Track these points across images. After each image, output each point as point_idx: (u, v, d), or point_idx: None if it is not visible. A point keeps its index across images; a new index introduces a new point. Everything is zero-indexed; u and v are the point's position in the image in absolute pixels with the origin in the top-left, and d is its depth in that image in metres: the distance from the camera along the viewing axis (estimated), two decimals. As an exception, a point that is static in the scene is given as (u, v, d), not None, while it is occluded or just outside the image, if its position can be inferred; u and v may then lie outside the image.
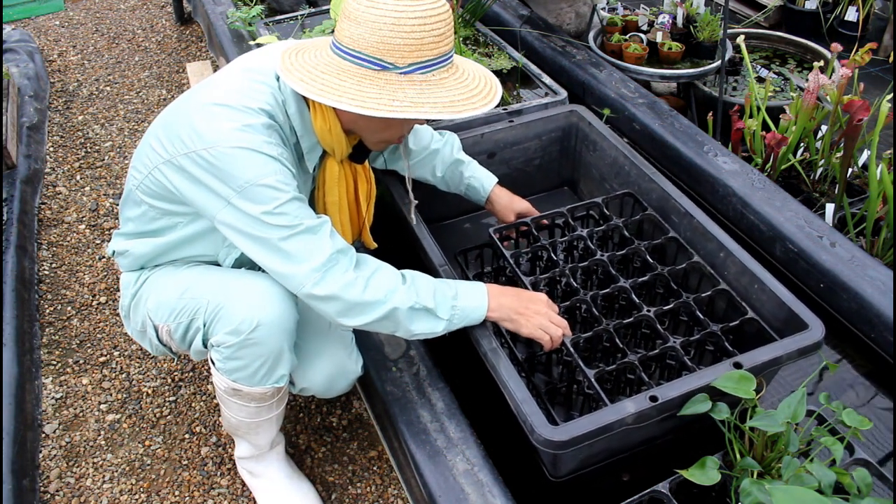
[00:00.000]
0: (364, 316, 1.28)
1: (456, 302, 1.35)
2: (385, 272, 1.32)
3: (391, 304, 1.28)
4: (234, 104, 1.25)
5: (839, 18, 3.44)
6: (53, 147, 3.01)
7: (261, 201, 1.21)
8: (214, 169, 1.21)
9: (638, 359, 1.37)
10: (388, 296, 1.28)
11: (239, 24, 2.66)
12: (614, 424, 1.22)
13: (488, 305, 1.37)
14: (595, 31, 3.03)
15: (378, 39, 1.20)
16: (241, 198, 1.21)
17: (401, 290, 1.29)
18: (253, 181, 1.20)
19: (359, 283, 1.26)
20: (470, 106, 1.26)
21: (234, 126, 1.22)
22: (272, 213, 1.21)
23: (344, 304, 1.26)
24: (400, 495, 1.69)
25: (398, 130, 1.39)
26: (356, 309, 1.27)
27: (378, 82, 1.22)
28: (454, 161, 1.76)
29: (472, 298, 1.37)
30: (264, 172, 1.21)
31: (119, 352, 2.09)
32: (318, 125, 1.34)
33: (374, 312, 1.28)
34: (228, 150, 1.20)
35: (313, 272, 1.23)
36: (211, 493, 1.72)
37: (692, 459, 1.19)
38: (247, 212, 1.21)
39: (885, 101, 1.98)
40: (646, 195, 1.77)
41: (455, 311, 1.34)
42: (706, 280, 1.56)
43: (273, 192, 1.21)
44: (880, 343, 1.64)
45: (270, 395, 1.44)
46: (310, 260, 1.23)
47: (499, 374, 1.32)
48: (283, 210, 1.22)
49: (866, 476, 1.13)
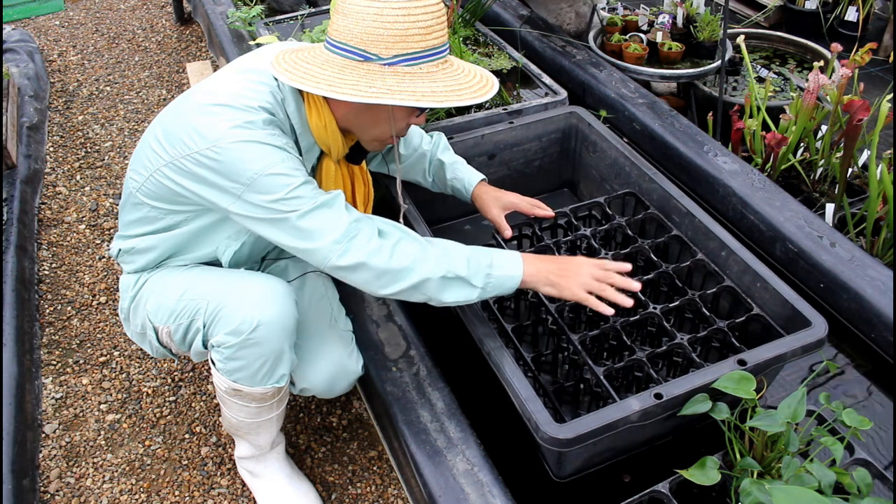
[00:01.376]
0: (395, 284, 1.26)
1: (491, 270, 1.31)
2: (410, 240, 1.30)
3: (421, 273, 1.26)
4: (234, 103, 1.25)
5: (839, 18, 3.44)
6: (53, 147, 3.01)
7: (272, 190, 1.21)
8: (220, 166, 1.21)
9: (646, 356, 1.37)
10: (414, 263, 1.26)
11: (239, 24, 2.65)
12: (619, 422, 1.22)
13: (524, 272, 1.34)
14: (595, 31, 3.03)
15: (362, 30, 1.21)
16: (252, 191, 1.21)
17: (431, 258, 1.27)
18: (261, 172, 1.20)
19: (385, 250, 1.25)
20: (454, 97, 1.23)
21: (235, 123, 1.22)
22: (285, 198, 1.21)
23: (372, 272, 1.25)
24: (400, 495, 1.69)
25: (388, 127, 1.36)
26: (385, 277, 1.26)
27: (359, 71, 1.22)
28: (438, 163, 1.74)
29: (508, 267, 1.33)
30: (271, 162, 1.21)
31: (119, 352, 2.09)
32: (314, 122, 1.34)
33: (404, 281, 1.26)
34: (231, 145, 1.20)
35: (335, 244, 1.23)
36: (211, 493, 1.72)
37: (692, 459, 1.19)
38: (259, 203, 1.22)
39: (885, 101, 1.98)
40: (647, 196, 1.77)
41: (490, 279, 1.31)
42: (710, 277, 1.56)
43: (284, 179, 1.22)
44: (880, 343, 1.64)
45: (271, 395, 1.44)
46: (330, 233, 1.23)
47: (503, 373, 1.32)
48: (296, 194, 1.22)
49: (866, 476, 1.13)
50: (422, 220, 1.67)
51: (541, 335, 1.63)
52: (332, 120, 1.35)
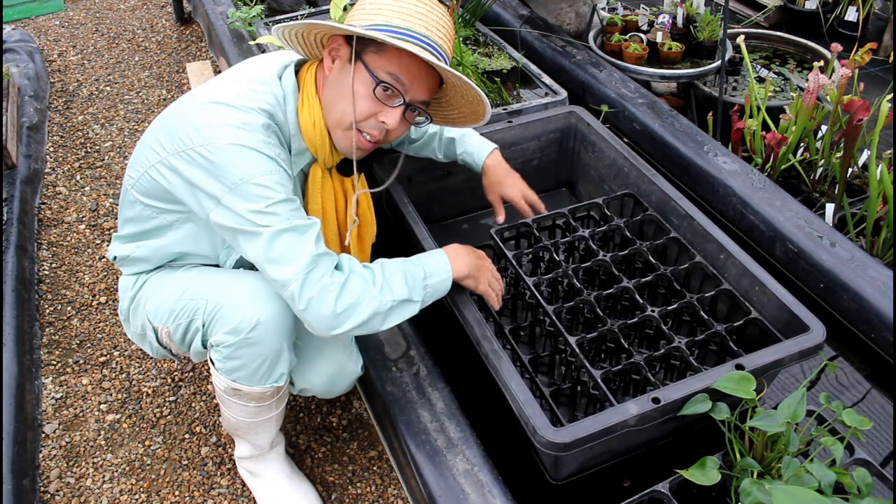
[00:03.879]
0: (345, 324, 1.25)
1: (427, 281, 1.35)
2: (356, 278, 1.27)
3: (368, 311, 1.26)
4: (234, 103, 1.25)
5: (839, 18, 3.44)
6: (53, 147, 3.01)
7: (251, 199, 1.20)
8: (210, 165, 1.21)
9: (644, 359, 1.37)
10: (361, 298, 1.25)
11: (239, 24, 2.66)
12: (617, 426, 1.22)
13: (453, 270, 1.40)
14: (595, 31, 3.03)
15: (351, 12, 1.29)
16: (233, 195, 1.20)
17: (374, 293, 1.27)
18: (247, 179, 1.20)
19: (333, 289, 1.23)
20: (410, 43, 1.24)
21: (232, 123, 1.22)
22: (263, 211, 1.20)
23: (318, 311, 1.23)
24: (400, 495, 1.69)
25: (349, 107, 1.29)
26: (333, 319, 1.24)
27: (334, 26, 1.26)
28: (448, 140, 1.76)
29: (440, 272, 1.38)
30: (259, 171, 1.21)
31: (119, 352, 2.09)
32: (304, 118, 1.34)
33: (351, 320, 1.25)
34: (225, 146, 1.20)
35: (296, 274, 1.22)
36: (211, 493, 1.72)
37: (692, 460, 1.19)
38: (236, 210, 1.20)
39: (885, 101, 1.98)
40: (645, 197, 1.77)
41: (427, 289, 1.35)
42: (708, 280, 1.56)
43: (265, 191, 1.20)
44: (880, 343, 1.64)
45: (270, 394, 1.44)
46: (292, 262, 1.21)
47: (500, 376, 1.32)
48: (274, 210, 1.21)
49: (866, 476, 1.13)
50: (420, 220, 1.67)
51: (538, 336, 1.63)
52: (321, 117, 1.34)
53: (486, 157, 1.74)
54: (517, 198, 1.74)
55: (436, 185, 1.99)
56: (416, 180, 1.95)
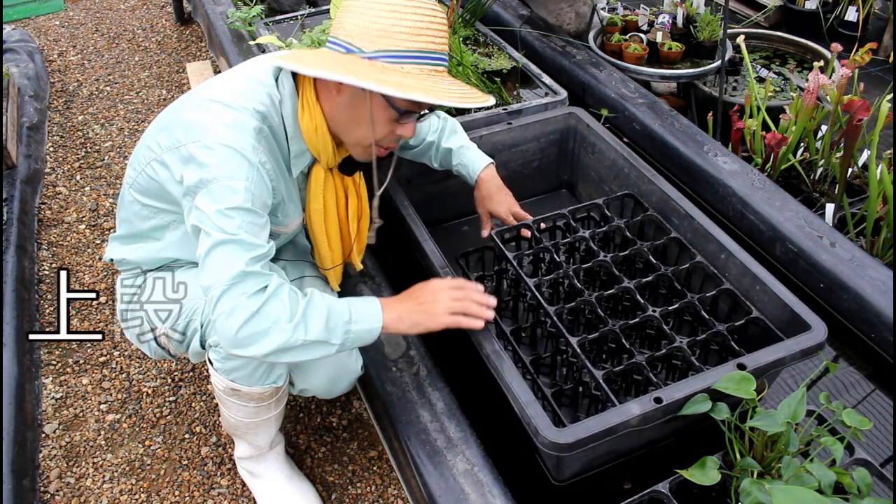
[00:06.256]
0: (249, 349, 1.18)
1: (350, 326, 1.26)
2: (275, 307, 1.18)
3: (275, 343, 1.18)
4: (229, 102, 1.25)
5: (839, 18, 3.44)
6: (53, 147, 3.01)
7: (217, 199, 1.17)
8: (195, 161, 1.20)
9: (645, 359, 1.37)
10: (271, 328, 1.17)
11: (239, 24, 2.65)
12: (619, 426, 1.21)
13: (384, 320, 1.29)
14: (595, 31, 3.03)
15: (352, 23, 1.23)
16: (206, 189, 1.18)
17: (286, 328, 1.18)
18: (222, 178, 1.18)
19: (244, 311, 1.15)
20: (422, 92, 1.17)
21: (224, 121, 1.22)
22: (221, 212, 1.17)
23: (224, 327, 1.16)
24: (400, 495, 1.69)
25: (368, 130, 1.30)
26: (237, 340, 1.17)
27: (338, 58, 1.22)
28: (445, 150, 1.75)
29: (367, 320, 1.28)
30: (238, 175, 1.19)
31: (119, 352, 2.09)
32: (305, 124, 1.33)
33: (255, 347, 1.18)
34: (213, 144, 1.20)
35: (218, 283, 1.16)
36: (211, 493, 1.72)
37: (692, 460, 1.19)
38: (201, 207, 1.18)
39: (885, 101, 1.98)
40: (645, 197, 1.77)
41: (349, 335, 1.26)
42: (709, 280, 1.56)
43: (232, 197, 1.17)
44: (880, 343, 1.64)
45: (269, 394, 1.44)
46: (220, 272, 1.16)
47: (502, 377, 1.31)
48: (231, 215, 1.17)
49: (866, 476, 1.13)
50: (420, 221, 1.67)
51: (539, 337, 1.63)
52: (323, 123, 1.33)
53: (481, 171, 1.72)
54: (505, 214, 1.72)
55: (435, 187, 1.99)
56: (415, 182, 1.95)
